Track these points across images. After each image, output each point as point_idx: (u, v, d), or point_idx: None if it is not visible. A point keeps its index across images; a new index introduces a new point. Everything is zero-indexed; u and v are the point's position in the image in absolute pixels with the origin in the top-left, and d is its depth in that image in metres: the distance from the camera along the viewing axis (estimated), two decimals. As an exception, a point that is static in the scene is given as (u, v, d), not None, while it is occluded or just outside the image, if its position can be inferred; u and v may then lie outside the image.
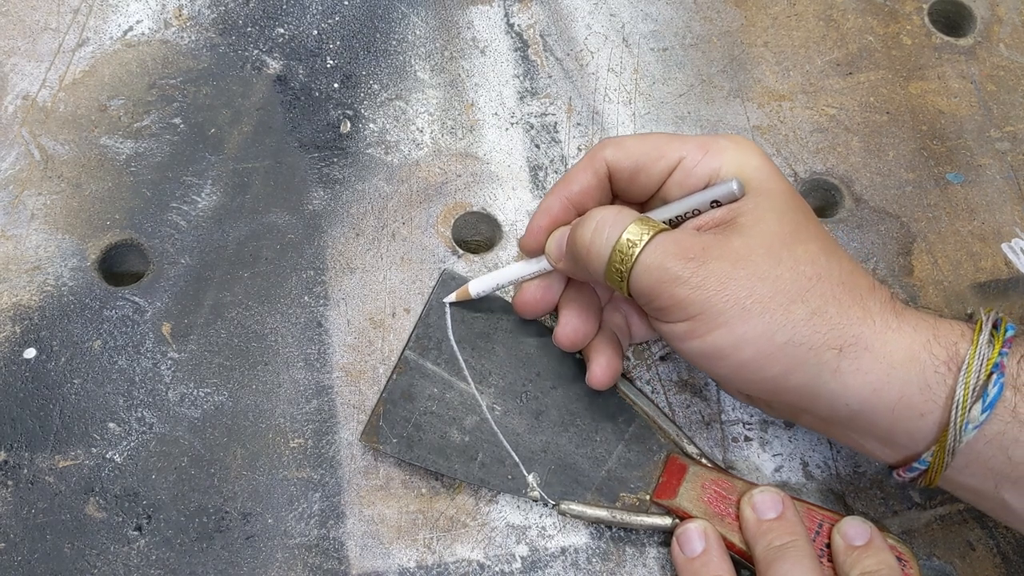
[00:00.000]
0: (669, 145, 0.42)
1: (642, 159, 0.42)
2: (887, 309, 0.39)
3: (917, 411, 0.38)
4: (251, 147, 0.52)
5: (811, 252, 0.39)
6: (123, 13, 0.55)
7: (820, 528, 0.42)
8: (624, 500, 0.44)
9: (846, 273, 0.39)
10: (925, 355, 0.38)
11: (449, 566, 0.43)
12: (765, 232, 0.39)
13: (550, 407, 0.45)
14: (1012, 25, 0.58)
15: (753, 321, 0.37)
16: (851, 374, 0.37)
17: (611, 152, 0.43)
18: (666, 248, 0.38)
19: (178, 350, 0.47)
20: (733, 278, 0.37)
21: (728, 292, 0.37)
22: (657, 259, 0.38)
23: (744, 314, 0.37)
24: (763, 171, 0.41)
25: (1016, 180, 0.54)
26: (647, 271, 0.38)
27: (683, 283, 0.38)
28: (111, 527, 0.43)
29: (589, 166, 0.43)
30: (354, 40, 0.55)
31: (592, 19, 0.57)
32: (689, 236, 0.39)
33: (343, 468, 0.45)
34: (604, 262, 0.40)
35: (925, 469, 0.39)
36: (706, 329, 0.38)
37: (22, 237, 0.48)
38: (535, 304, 0.45)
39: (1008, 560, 0.45)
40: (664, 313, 0.39)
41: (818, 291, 0.38)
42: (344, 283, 0.49)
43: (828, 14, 0.58)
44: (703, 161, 0.41)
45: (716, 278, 0.38)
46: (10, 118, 0.51)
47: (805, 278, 0.38)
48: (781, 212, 0.39)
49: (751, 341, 0.37)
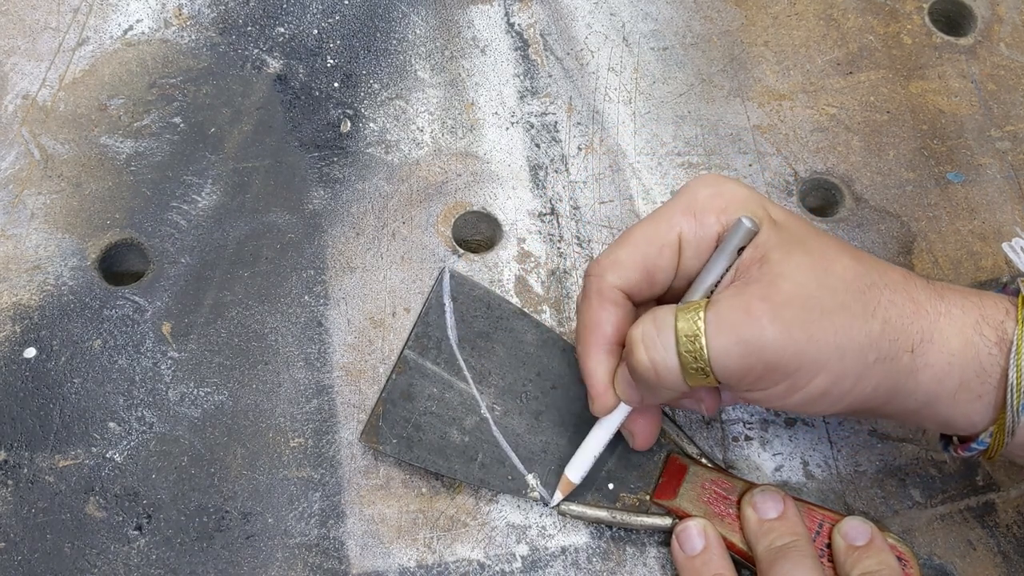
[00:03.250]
0: (658, 230, 0.40)
1: (646, 261, 0.40)
2: (930, 295, 0.39)
3: (975, 394, 0.38)
4: (251, 146, 0.52)
5: (847, 266, 0.38)
6: (123, 12, 0.55)
7: (820, 528, 0.42)
8: (624, 500, 0.44)
9: (881, 272, 0.39)
10: (977, 338, 0.38)
11: (449, 566, 0.43)
12: (803, 265, 0.37)
13: (550, 407, 0.45)
14: (1012, 24, 0.58)
15: (847, 355, 0.37)
16: (922, 370, 0.38)
17: (613, 276, 0.40)
18: (730, 321, 0.36)
19: (178, 349, 0.47)
20: (810, 321, 0.36)
21: (816, 337, 0.36)
22: (730, 338, 0.36)
23: (838, 352, 0.37)
24: (752, 200, 0.39)
25: (1016, 179, 0.54)
26: (727, 355, 0.36)
27: (763, 349, 0.36)
28: (111, 527, 0.43)
29: (603, 302, 0.40)
30: (354, 39, 0.55)
31: (592, 18, 0.57)
32: (740, 299, 0.37)
33: (343, 467, 0.45)
34: (678, 370, 0.37)
35: (984, 449, 0.39)
36: (807, 380, 0.37)
37: (22, 236, 0.48)
38: (653, 432, 0.43)
39: (1008, 559, 0.45)
40: (760, 383, 0.37)
41: (876, 301, 0.38)
42: (344, 282, 0.49)
43: (828, 13, 0.58)
44: (699, 221, 0.39)
45: (798, 328, 0.36)
46: (10, 117, 0.51)
47: (860, 293, 0.37)
48: (799, 237, 0.38)
49: (849, 373, 0.37)
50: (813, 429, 0.47)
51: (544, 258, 0.50)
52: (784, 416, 0.47)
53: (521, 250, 0.50)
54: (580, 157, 0.53)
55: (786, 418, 0.47)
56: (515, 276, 0.50)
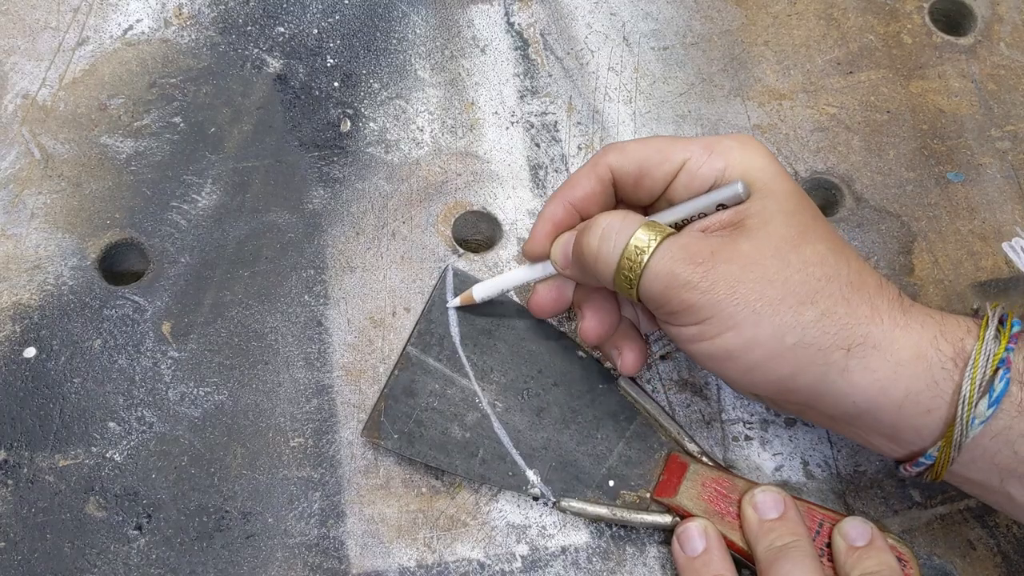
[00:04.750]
0: (673, 147, 0.42)
1: (646, 163, 0.42)
2: (895, 306, 0.39)
3: (924, 407, 0.38)
4: (251, 146, 0.52)
5: (820, 253, 0.39)
6: (123, 12, 0.54)
7: (821, 528, 0.42)
8: (624, 498, 0.44)
9: (854, 272, 0.39)
10: (932, 352, 0.38)
11: (449, 565, 0.43)
12: (773, 235, 0.39)
13: (551, 404, 0.45)
14: (1013, 24, 0.58)
15: (763, 324, 0.37)
16: (859, 372, 0.37)
17: (614, 157, 0.43)
18: (674, 253, 0.38)
19: (178, 349, 0.47)
20: (742, 281, 0.37)
21: (738, 295, 0.37)
22: (666, 265, 0.38)
23: (754, 317, 0.37)
24: (769, 171, 0.40)
25: (1017, 179, 0.54)
26: (656, 277, 0.38)
27: (692, 288, 0.38)
28: (111, 526, 0.43)
29: (592, 171, 0.43)
30: (354, 39, 0.55)
31: (592, 18, 0.57)
32: (697, 240, 0.39)
33: (343, 467, 0.45)
34: (613, 269, 0.40)
35: (931, 464, 0.39)
36: (716, 332, 0.38)
37: (22, 236, 0.48)
38: (550, 305, 0.45)
39: (1008, 559, 0.45)
40: (674, 317, 0.39)
41: (827, 292, 0.38)
42: (344, 282, 0.49)
43: (829, 13, 0.58)
44: (708, 162, 0.41)
45: (725, 282, 0.38)
46: (10, 117, 0.51)
47: (814, 279, 0.38)
48: (788, 213, 0.39)
49: (761, 343, 0.38)
50: (813, 429, 0.47)
51: (544, 258, 0.50)
52: (784, 416, 0.47)
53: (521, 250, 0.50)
54: (580, 157, 0.53)
55: (786, 418, 0.47)
56: (515, 276, 0.49)
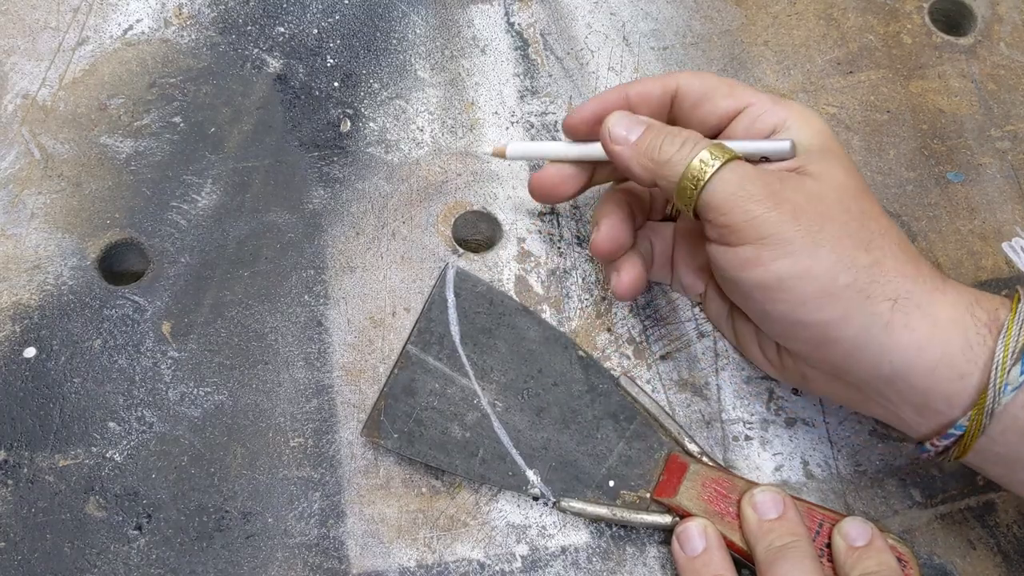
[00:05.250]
0: (743, 88, 0.44)
1: (713, 91, 0.44)
2: (935, 273, 0.40)
3: (957, 372, 0.38)
4: (251, 146, 0.52)
5: (876, 210, 0.40)
6: (123, 12, 0.54)
7: (821, 528, 0.42)
8: (624, 498, 0.44)
9: (901, 237, 0.40)
10: (968, 317, 0.38)
11: (449, 565, 0.43)
12: (835, 183, 0.40)
13: (551, 404, 0.45)
14: (1013, 24, 0.58)
15: (820, 256, 0.38)
16: (900, 329, 0.38)
17: (686, 75, 0.44)
18: (745, 170, 0.40)
19: (178, 349, 0.47)
20: (806, 211, 0.39)
21: (800, 222, 0.38)
22: (736, 176, 0.39)
23: (813, 247, 0.38)
24: (827, 134, 0.42)
25: (1017, 179, 0.53)
26: (724, 184, 0.39)
27: (758, 201, 0.39)
28: (111, 526, 0.43)
29: (659, 79, 0.45)
30: (354, 39, 0.55)
31: (592, 18, 0.57)
32: (764, 170, 0.40)
33: (343, 467, 0.45)
34: (680, 170, 0.40)
35: (960, 436, 0.38)
36: (772, 257, 0.38)
37: (22, 236, 0.48)
38: (552, 188, 0.46)
39: (1008, 559, 0.45)
40: (731, 232, 0.39)
41: (880, 244, 0.39)
42: (344, 282, 0.49)
43: (828, 13, 0.58)
44: (771, 111, 0.43)
45: (791, 205, 0.39)
46: (10, 117, 0.51)
47: (870, 231, 0.39)
48: (847, 169, 0.41)
49: (815, 276, 0.38)
50: (813, 429, 0.47)
51: (544, 257, 0.50)
52: (784, 416, 0.47)
53: (521, 249, 0.50)
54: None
55: (786, 418, 0.47)
56: (515, 276, 0.50)
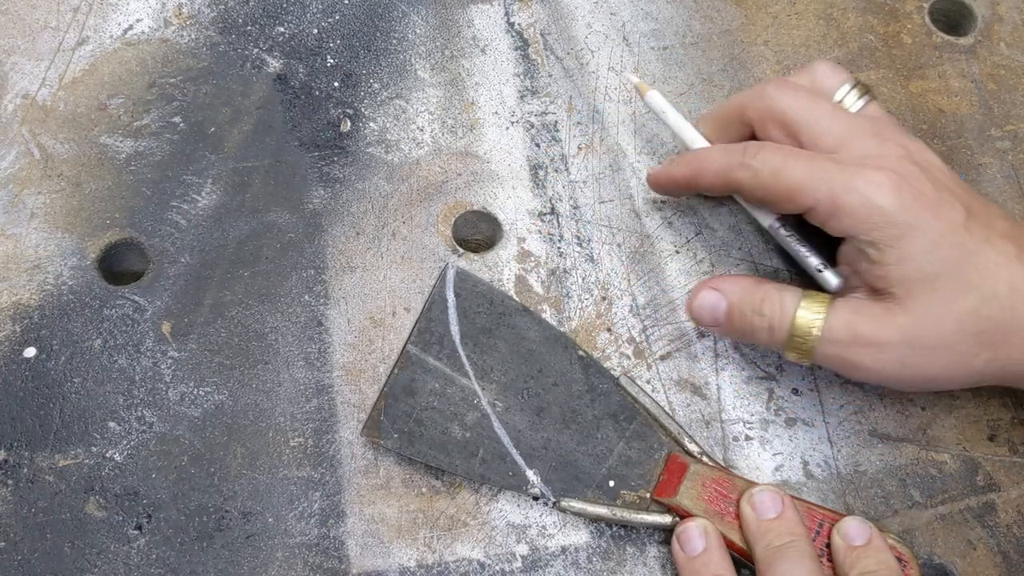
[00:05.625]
0: (801, 193, 0.42)
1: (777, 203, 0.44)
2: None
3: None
4: (251, 146, 0.52)
5: (971, 306, 0.40)
6: (123, 12, 0.54)
7: (820, 528, 0.42)
8: (624, 498, 0.44)
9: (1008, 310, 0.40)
10: None
11: (449, 565, 0.43)
12: (924, 303, 0.41)
13: (552, 404, 0.45)
14: (1013, 24, 0.58)
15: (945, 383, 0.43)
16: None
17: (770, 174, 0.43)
18: (842, 333, 0.42)
19: (178, 349, 0.47)
20: (912, 357, 0.41)
21: (913, 368, 0.41)
22: (834, 347, 0.42)
23: (932, 384, 0.43)
24: (900, 223, 0.41)
25: (1017, 179, 0.53)
26: (826, 357, 0.43)
27: (864, 368, 0.42)
28: (111, 526, 0.43)
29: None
30: (354, 39, 0.55)
31: (592, 18, 0.57)
32: (857, 318, 0.42)
33: (343, 467, 0.45)
34: (785, 339, 0.43)
35: None
36: (896, 384, 0.44)
37: (22, 236, 0.48)
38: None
39: (1008, 559, 0.45)
40: (853, 377, 0.44)
41: (989, 341, 0.41)
42: (344, 282, 0.49)
43: (828, 13, 0.58)
44: (832, 222, 0.42)
45: (896, 364, 0.41)
46: (10, 117, 0.51)
47: (974, 336, 0.41)
48: (930, 278, 0.41)
49: (949, 379, 0.43)
50: (813, 429, 0.47)
51: (544, 258, 0.50)
52: (784, 416, 0.47)
53: (521, 249, 0.50)
54: (580, 156, 0.53)
55: (786, 418, 0.47)
56: (515, 276, 0.50)
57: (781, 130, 0.44)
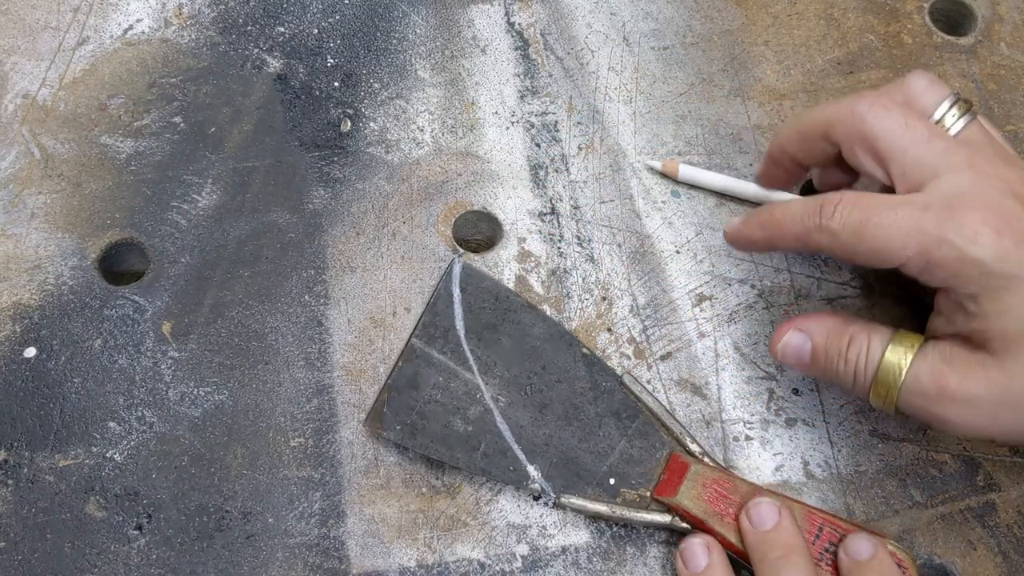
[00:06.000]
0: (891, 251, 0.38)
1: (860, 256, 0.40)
2: None
3: None
4: (251, 146, 0.52)
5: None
6: (123, 12, 0.55)
7: (820, 532, 0.42)
8: (625, 496, 0.44)
9: None
10: None
11: (449, 565, 0.43)
12: (1017, 353, 0.37)
13: (554, 400, 0.45)
14: (1013, 24, 0.58)
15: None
16: None
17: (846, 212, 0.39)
18: (925, 387, 0.39)
19: (178, 349, 0.47)
20: (995, 412, 0.38)
21: (999, 421, 0.38)
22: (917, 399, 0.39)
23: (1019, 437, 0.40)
24: (997, 267, 0.36)
25: (1017, 179, 0.53)
26: (910, 408, 0.40)
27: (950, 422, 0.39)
28: (111, 526, 0.43)
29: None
30: (354, 39, 0.55)
31: (592, 18, 0.57)
32: (945, 369, 0.39)
33: (343, 467, 0.45)
34: (867, 388, 0.41)
35: None
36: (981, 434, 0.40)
37: (22, 236, 0.48)
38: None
39: (1008, 559, 0.45)
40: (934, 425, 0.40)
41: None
42: (345, 282, 0.49)
43: (829, 13, 0.58)
44: (927, 272, 0.38)
45: (983, 417, 0.38)
46: (10, 117, 0.51)
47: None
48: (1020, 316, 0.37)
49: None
50: (813, 429, 0.47)
51: (544, 258, 0.50)
52: (784, 416, 0.47)
53: (521, 250, 0.50)
54: (580, 157, 0.53)
55: (786, 418, 0.47)
56: (515, 276, 0.50)
57: (870, 155, 0.40)
